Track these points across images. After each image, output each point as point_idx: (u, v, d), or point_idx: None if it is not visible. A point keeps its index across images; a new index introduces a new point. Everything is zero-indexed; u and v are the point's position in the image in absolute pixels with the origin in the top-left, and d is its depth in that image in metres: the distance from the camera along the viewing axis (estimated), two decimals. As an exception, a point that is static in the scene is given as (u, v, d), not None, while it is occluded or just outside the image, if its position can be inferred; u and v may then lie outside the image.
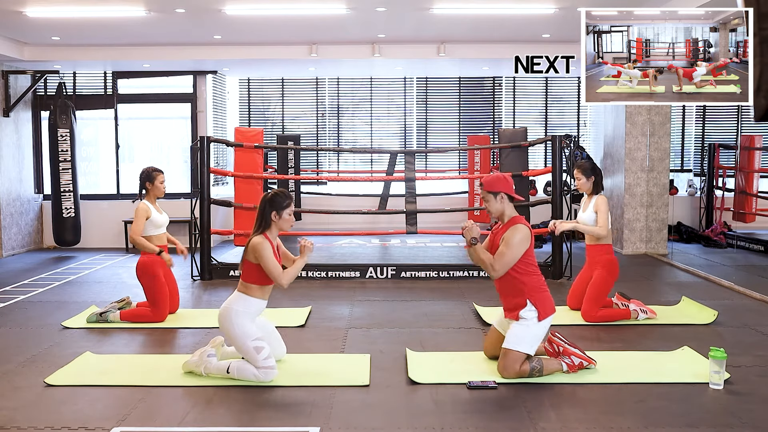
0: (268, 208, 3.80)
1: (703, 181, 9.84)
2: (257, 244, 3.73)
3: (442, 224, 10.08)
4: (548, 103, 11.03)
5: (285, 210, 3.81)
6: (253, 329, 3.75)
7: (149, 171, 5.22)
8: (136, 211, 5.10)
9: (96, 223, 9.33)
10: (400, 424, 3.17)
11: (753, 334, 4.75)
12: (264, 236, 3.78)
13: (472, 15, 6.99)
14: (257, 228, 3.82)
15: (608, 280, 5.02)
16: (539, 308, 3.77)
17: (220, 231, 7.41)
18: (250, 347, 3.69)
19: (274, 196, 3.82)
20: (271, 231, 3.83)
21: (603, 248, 5.08)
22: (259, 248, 3.72)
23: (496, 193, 3.84)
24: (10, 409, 3.36)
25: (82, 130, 9.76)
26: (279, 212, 3.80)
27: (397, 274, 6.88)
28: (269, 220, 3.80)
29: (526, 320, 3.77)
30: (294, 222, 3.93)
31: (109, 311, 5.08)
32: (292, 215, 3.87)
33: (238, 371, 3.72)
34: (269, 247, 3.75)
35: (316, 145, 11.05)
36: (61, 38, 7.99)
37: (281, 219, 3.81)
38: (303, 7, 6.65)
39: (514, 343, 3.74)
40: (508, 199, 3.87)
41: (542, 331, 3.81)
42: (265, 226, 3.80)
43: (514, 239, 3.74)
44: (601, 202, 5.06)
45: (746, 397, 3.49)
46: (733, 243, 9.01)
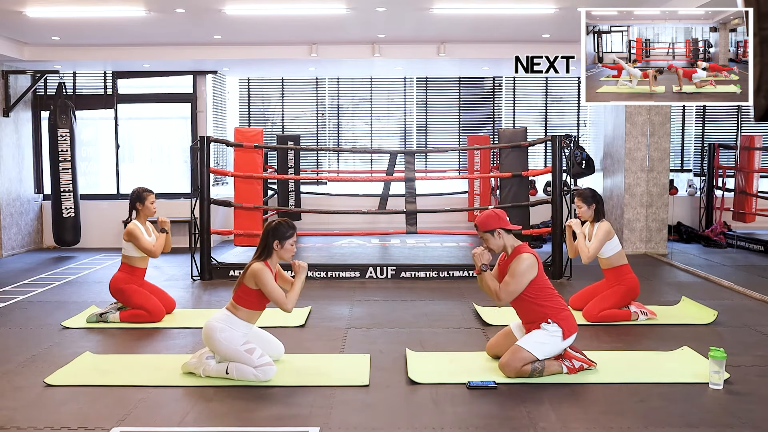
0: (271, 238, 3.85)
1: (703, 181, 9.84)
2: (258, 270, 3.76)
3: (442, 224, 10.08)
4: (548, 103, 11.03)
5: (288, 240, 3.87)
6: (237, 336, 3.78)
7: (139, 192, 5.22)
8: (130, 233, 5.09)
9: (96, 223, 9.33)
10: (400, 424, 3.17)
11: (753, 334, 4.75)
12: (264, 263, 3.82)
13: (472, 15, 6.99)
14: (258, 255, 3.86)
15: (624, 298, 5.00)
16: (563, 327, 3.78)
17: (220, 231, 7.41)
18: (241, 351, 3.72)
19: (278, 226, 3.87)
20: (272, 259, 3.88)
21: (618, 270, 5.05)
22: (260, 275, 3.76)
23: (492, 231, 3.84)
24: (10, 409, 3.36)
25: (82, 130, 9.76)
26: (282, 242, 3.85)
27: (397, 274, 6.88)
28: (271, 249, 3.85)
29: (547, 332, 3.77)
30: (295, 252, 3.96)
31: (109, 312, 5.09)
32: (294, 245, 3.92)
33: (237, 372, 3.72)
34: (270, 274, 3.80)
35: (316, 145, 11.05)
36: (61, 38, 7.99)
37: (283, 249, 3.87)
38: (303, 7, 6.65)
39: (530, 344, 3.74)
40: (505, 232, 3.87)
41: (562, 346, 3.81)
42: (267, 254, 3.86)
43: (519, 269, 3.75)
44: (600, 230, 5.01)
45: (746, 397, 3.49)
46: (732, 243, 9.01)
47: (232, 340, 3.74)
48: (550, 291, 3.86)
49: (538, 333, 3.78)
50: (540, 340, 3.76)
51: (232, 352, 3.73)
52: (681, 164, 10.85)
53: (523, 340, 3.78)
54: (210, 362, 3.81)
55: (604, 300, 5.00)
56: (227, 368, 3.75)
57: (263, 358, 3.74)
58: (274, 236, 3.85)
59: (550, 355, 3.79)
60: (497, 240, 3.86)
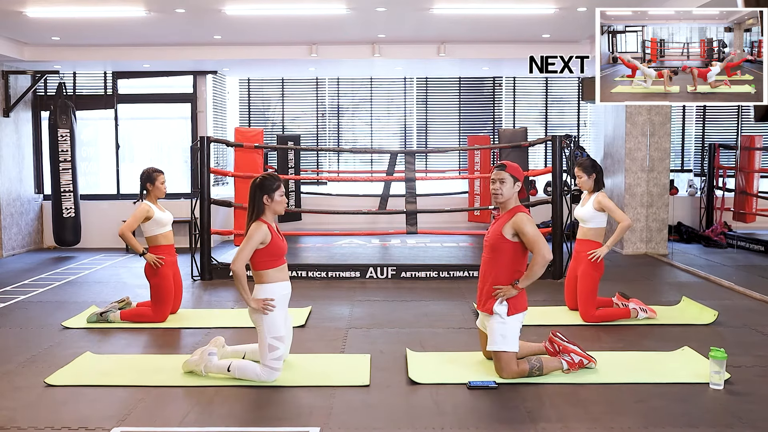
0: (258, 194, 3.75)
1: (704, 181, 9.84)
2: (252, 229, 3.69)
3: (442, 224, 10.08)
4: (548, 103, 11.02)
5: (276, 192, 3.77)
6: (280, 325, 3.72)
7: (149, 172, 5.20)
8: (135, 210, 5.09)
9: (96, 224, 9.33)
10: (400, 424, 3.17)
11: (753, 334, 4.75)
12: (260, 221, 3.74)
13: (472, 15, 6.99)
14: (251, 216, 3.77)
15: (594, 276, 5.00)
16: (510, 303, 3.76)
17: (220, 231, 7.41)
18: (267, 343, 3.68)
19: (263, 180, 3.78)
20: (266, 216, 3.78)
21: (591, 244, 5.06)
22: (251, 233, 3.68)
23: (515, 180, 3.84)
24: (10, 409, 3.36)
25: (82, 130, 9.76)
26: (271, 195, 3.76)
27: (397, 274, 6.88)
28: (262, 206, 3.76)
29: (499, 316, 3.75)
30: (287, 203, 3.88)
31: (110, 311, 5.08)
32: (284, 196, 3.83)
33: (239, 370, 3.72)
34: (264, 232, 3.70)
35: (316, 146, 11.05)
36: (61, 38, 7.99)
37: (273, 202, 3.77)
38: (303, 7, 6.65)
39: (498, 344, 3.73)
40: (518, 187, 3.87)
41: (516, 325, 3.79)
42: (259, 212, 3.76)
43: (527, 226, 3.74)
44: (605, 201, 5.02)
45: (746, 397, 3.49)
46: (733, 243, 9.00)
47: (273, 324, 3.68)
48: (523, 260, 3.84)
49: (494, 328, 3.76)
50: (501, 333, 3.73)
51: (263, 335, 3.67)
52: (681, 164, 10.85)
53: (490, 344, 3.78)
54: (212, 359, 3.79)
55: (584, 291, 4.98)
56: (229, 366, 3.74)
57: (277, 362, 3.70)
58: (261, 191, 3.75)
59: (514, 338, 3.75)
60: (513, 189, 3.83)
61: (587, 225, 5.09)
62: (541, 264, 3.71)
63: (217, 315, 5.37)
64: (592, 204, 5.04)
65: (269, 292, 3.73)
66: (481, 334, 4.05)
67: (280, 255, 3.81)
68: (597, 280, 5.02)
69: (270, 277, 3.76)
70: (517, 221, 3.76)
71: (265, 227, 3.71)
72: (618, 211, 5.00)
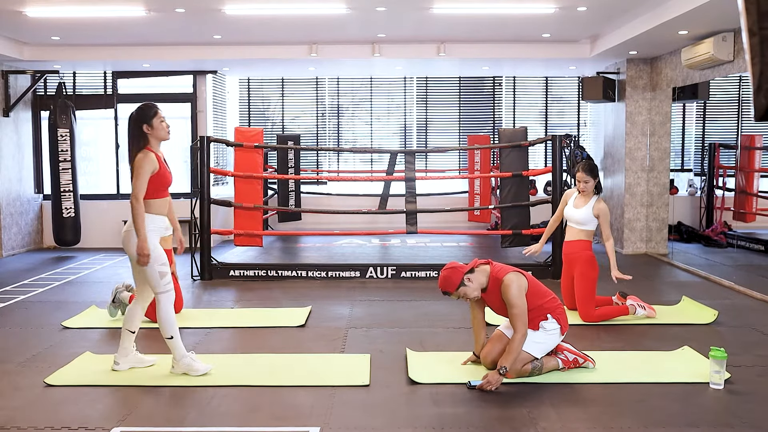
0: (137, 124, 3.76)
1: (704, 180, 9.84)
2: (139, 159, 3.69)
3: (442, 224, 10.08)
4: (548, 102, 11.02)
5: (154, 119, 3.77)
6: (161, 252, 3.77)
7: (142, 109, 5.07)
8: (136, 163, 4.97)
9: (96, 223, 9.33)
10: (400, 424, 3.17)
11: (753, 333, 4.75)
12: (147, 149, 3.74)
13: (472, 15, 6.98)
14: (136, 147, 3.75)
15: (591, 276, 5.01)
16: (562, 323, 3.81)
17: (220, 231, 7.40)
18: (156, 271, 3.73)
19: (139, 110, 3.78)
20: (151, 144, 3.78)
21: (583, 244, 5.06)
22: (139, 162, 3.68)
23: (459, 285, 3.73)
24: (10, 409, 3.36)
25: (82, 130, 9.76)
26: (150, 122, 3.76)
27: (397, 274, 6.88)
28: (143, 135, 3.75)
29: (546, 330, 3.77)
30: (169, 126, 3.85)
31: (117, 293, 5.06)
32: (164, 121, 3.82)
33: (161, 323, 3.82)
34: (152, 161, 3.71)
35: (316, 145, 11.05)
36: (61, 38, 7.98)
37: (154, 129, 3.77)
38: (303, 7, 6.65)
39: (528, 345, 3.72)
40: (471, 273, 3.77)
41: (558, 342, 3.84)
42: (143, 141, 3.75)
43: (513, 294, 3.67)
44: (605, 211, 5.01)
45: (746, 397, 3.49)
46: (733, 243, 9.00)
47: (156, 254, 3.71)
48: (544, 290, 3.87)
49: (536, 334, 3.77)
50: (537, 340, 3.75)
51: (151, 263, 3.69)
52: (681, 164, 10.83)
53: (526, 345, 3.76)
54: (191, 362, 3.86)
55: (582, 291, 4.99)
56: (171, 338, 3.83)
57: (169, 285, 3.78)
58: (139, 121, 3.75)
59: (546, 352, 3.80)
60: (472, 286, 3.75)
61: (581, 227, 5.08)
62: (521, 341, 3.65)
63: (217, 315, 5.37)
64: (591, 209, 5.02)
65: (149, 220, 3.74)
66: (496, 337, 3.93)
67: (165, 186, 3.84)
68: (595, 280, 5.03)
69: (151, 208, 3.77)
70: (503, 290, 3.71)
71: (152, 155, 3.73)
72: (609, 230, 5.02)
